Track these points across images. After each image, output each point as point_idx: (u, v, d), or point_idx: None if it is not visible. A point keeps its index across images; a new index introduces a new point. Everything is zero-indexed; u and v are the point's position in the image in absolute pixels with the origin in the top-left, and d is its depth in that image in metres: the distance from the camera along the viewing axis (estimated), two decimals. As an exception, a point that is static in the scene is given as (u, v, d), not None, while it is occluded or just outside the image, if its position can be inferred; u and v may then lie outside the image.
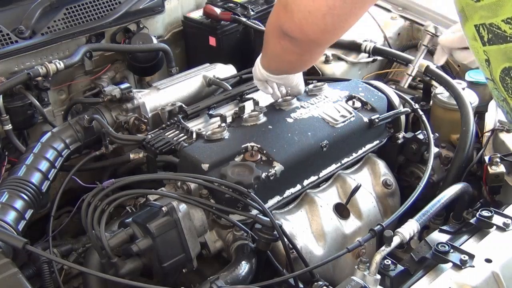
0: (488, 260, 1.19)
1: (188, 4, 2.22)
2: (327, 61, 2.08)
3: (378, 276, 1.16)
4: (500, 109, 1.08)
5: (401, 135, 1.70)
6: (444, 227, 1.38)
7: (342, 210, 1.51)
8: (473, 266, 1.18)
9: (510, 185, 1.51)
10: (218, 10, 2.06)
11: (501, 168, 1.50)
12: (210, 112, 1.60)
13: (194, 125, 1.54)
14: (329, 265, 1.40)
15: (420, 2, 2.32)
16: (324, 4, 1.05)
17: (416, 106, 1.71)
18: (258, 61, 1.49)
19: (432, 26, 1.74)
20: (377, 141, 1.65)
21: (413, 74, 1.77)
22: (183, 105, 1.69)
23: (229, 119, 1.55)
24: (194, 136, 1.47)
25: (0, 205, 1.31)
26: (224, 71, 1.90)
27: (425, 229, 1.58)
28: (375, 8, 2.35)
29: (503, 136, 1.61)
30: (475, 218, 1.32)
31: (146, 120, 1.70)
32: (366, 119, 1.58)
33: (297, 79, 1.55)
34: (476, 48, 0.97)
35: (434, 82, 1.85)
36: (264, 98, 1.67)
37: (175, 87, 1.80)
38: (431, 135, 1.61)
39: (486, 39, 0.93)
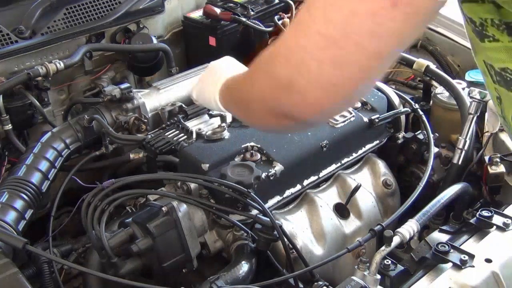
0: (488, 260, 1.19)
1: (188, 4, 2.22)
2: (327, 61, 2.07)
3: (378, 276, 1.16)
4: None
5: (401, 135, 1.70)
6: (444, 227, 1.38)
7: (342, 210, 1.51)
8: (473, 266, 1.18)
9: (510, 185, 1.51)
10: (218, 10, 2.05)
11: (501, 168, 1.50)
12: (210, 112, 1.60)
13: (194, 125, 1.53)
14: (329, 265, 1.40)
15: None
16: (358, 69, 0.74)
17: (416, 106, 1.71)
18: (216, 91, 1.22)
19: (477, 91, 1.63)
20: (377, 141, 1.65)
21: (465, 148, 1.58)
22: (183, 105, 1.69)
23: (229, 119, 1.55)
24: (194, 136, 1.47)
25: (0, 205, 1.31)
26: (224, 71, 1.90)
27: (425, 229, 1.58)
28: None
29: (503, 136, 1.61)
30: (475, 218, 1.32)
31: (146, 120, 1.70)
32: (366, 119, 1.58)
33: None
34: (487, 83, 0.90)
35: (434, 82, 1.85)
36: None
37: (175, 87, 1.79)
38: (431, 135, 1.61)
39: (495, 79, 0.87)
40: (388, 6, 0.68)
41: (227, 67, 1.29)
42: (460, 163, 1.58)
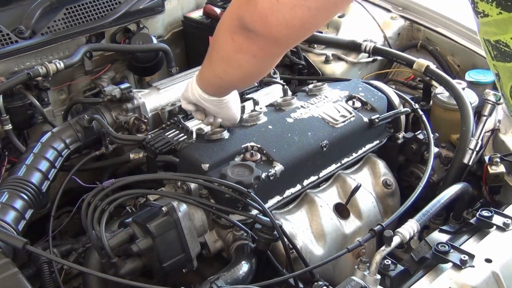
0: (488, 260, 1.19)
1: (188, 4, 2.22)
2: (327, 61, 2.08)
3: (378, 276, 1.16)
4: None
5: (401, 135, 1.70)
6: (444, 227, 1.38)
7: (342, 210, 1.51)
8: (473, 266, 1.18)
9: (510, 185, 1.51)
10: (218, 10, 2.05)
11: (501, 168, 1.50)
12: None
13: (194, 125, 1.53)
14: (329, 265, 1.40)
15: (420, 2, 2.32)
16: None
17: (416, 106, 1.71)
18: (193, 79, 1.34)
19: (492, 94, 1.62)
20: (377, 141, 1.65)
21: (477, 148, 1.58)
22: (183, 105, 1.69)
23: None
24: (194, 136, 1.47)
25: (0, 205, 1.31)
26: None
27: (425, 229, 1.58)
28: (375, 8, 2.35)
29: (503, 136, 1.61)
30: (475, 218, 1.32)
31: (146, 120, 1.70)
32: (366, 119, 1.58)
33: (234, 105, 1.41)
34: (488, 61, 0.93)
35: (434, 82, 1.85)
36: (264, 98, 1.67)
37: (175, 87, 1.80)
38: (431, 135, 1.61)
39: (493, 55, 0.90)
40: None
41: None
42: (470, 163, 1.57)
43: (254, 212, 1.30)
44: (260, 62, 1.17)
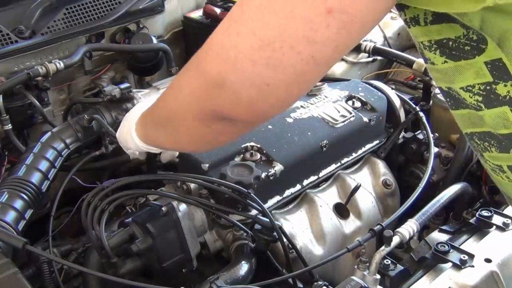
0: (488, 260, 1.19)
1: (188, 4, 2.22)
2: (327, 61, 2.08)
3: (378, 276, 1.16)
4: None
5: (401, 135, 1.70)
6: (444, 227, 1.38)
7: (342, 210, 1.51)
8: (473, 266, 1.18)
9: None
10: (218, 10, 2.05)
11: (501, 168, 1.50)
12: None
13: (194, 125, 1.53)
14: (328, 265, 1.40)
15: (420, 2, 2.31)
16: (291, 72, 0.74)
17: (418, 108, 1.71)
18: (131, 129, 1.18)
19: None
20: (377, 141, 1.65)
21: None
22: (183, 105, 1.69)
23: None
24: (194, 136, 1.47)
25: (0, 205, 1.31)
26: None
27: (425, 229, 1.58)
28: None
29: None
30: (474, 218, 1.33)
31: (146, 120, 1.70)
32: (366, 119, 1.58)
33: None
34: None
35: (434, 82, 1.84)
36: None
37: (175, 87, 1.79)
38: (431, 135, 1.61)
39: (446, 101, 0.85)
40: (324, 12, 0.68)
41: (140, 104, 1.26)
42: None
43: (254, 212, 1.30)
44: (236, 136, 1.00)
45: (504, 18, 0.67)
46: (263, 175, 1.34)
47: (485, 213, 1.30)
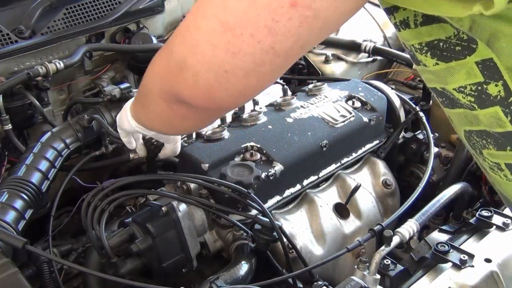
0: (488, 260, 1.19)
1: (188, 4, 2.22)
2: (327, 61, 2.08)
3: (378, 276, 1.16)
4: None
5: (401, 135, 1.70)
6: (444, 227, 1.38)
7: (342, 210, 1.51)
8: (473, 266, 1.18)
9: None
10: (218, 10, 2.05)
11: (501, 168, 1.50)
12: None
13: (194, 125, 1.53)
14: (328, 265, 1.40)
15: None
16: (250, 61, 0.74)
17: (418, 108, 1.71)
18: (127, 107, 1.19)
19: None
20: (377, 141, 1.65)
21: None
22: (183, 105, 1.69)
23: (228, 119, 1.55)
24: (194, 135, 1.47)
25: (0, 205, 1.31)
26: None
27: (425, 228, 1.58)
28: (375, 8, 2.35)
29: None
30: (474, 218, 1.33)
31: (146, 120, 1.70)
32: (366, 119, 1.58)
33: (177, 137, 1.34)
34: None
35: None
36: (263, 98, 1.67)
37: (175, 87, 1.79)
38: (431, 135, 1.61)
39: (440, 101, 0.85)
40: (287, 5, 0.68)
41: None
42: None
43: (254, 212, 1.30)
44: (205, 123, 1.06)
45: (493, 20, 0.67)
46: (263, 175, 1.34)
47: (485, 213, 1.31)
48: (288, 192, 1.45)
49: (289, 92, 1.72)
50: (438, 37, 0.73)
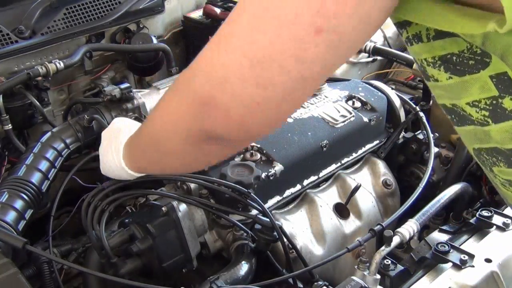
0: (488, 260, 1.19)
1: (188, 4, 2.22)
2: (327, 61, 2.08)
3: (378, 276, 1.16)
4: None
5: (401, 135, 1.70)
6: (444, 227, 1.38)
7: (342, 210, 1.51)
8: (473, 266, 1.18)
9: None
10: (218, 10, 2.05)
11: (501, 168, 1.50)
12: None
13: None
14: (328, 265, 1.40)
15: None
16: (281, 90, 0.73)
17: (418, 108, 1.71)
18: (121, 161, 1.12)
19: None
20: (377, 141, 1.65)
21: None
22: (183, 105, 1.68)
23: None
24: (194, 136, 1.47)
25: (0, 205, 1.31)
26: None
27: (425, 229, 1.58)
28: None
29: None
30: (475, 218, 1.33)
31: (146, 120, 1.70)
32: (366, 119, 1.58)
33: None
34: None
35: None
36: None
37: (175, 87, 1.79)
38: (431, 135, 1.61)
39: (449, 119, 0.84)
40: (312, 32, 0.67)
41: (124, 127, 1.18)
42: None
43: (254, 212, 1.30)
44: (236, 152, 1.03)
45: (506, 35, 0.67)
46: (263, 175, 1.34)
47: (485, 213, 1.31)
48: (288, 192, 1.45)
49: (289, 92, 1.72)
50: (451, 51, 0.73)
